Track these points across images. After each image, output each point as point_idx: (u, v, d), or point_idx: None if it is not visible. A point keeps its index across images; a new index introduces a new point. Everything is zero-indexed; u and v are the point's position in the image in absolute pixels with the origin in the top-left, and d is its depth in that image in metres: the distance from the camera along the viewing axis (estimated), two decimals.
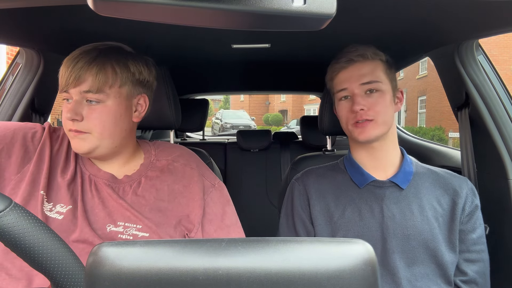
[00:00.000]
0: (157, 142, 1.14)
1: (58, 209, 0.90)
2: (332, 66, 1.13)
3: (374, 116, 1.04)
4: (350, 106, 1.07)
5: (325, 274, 0.37)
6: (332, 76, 1.13)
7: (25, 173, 0.91)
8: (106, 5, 0.43)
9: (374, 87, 1.06)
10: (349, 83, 1.07)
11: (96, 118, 0.91)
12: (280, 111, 32.06)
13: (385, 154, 1.10)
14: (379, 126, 1.05)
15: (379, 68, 1.08)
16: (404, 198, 1.07)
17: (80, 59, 0.91)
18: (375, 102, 1.05)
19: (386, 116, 1.06)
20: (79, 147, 0.92)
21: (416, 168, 1.13)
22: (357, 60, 1.07)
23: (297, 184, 1.18)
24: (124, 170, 1.01)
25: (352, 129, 1.08)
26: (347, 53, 1.09)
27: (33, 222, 0.50)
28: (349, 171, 1.14)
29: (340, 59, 1.10)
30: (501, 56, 14.14)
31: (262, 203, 2.59)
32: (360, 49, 1.08)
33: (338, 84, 1.10)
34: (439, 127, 15.40)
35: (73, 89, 0.91)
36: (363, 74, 1.06)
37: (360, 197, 1.09)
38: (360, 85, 1.06)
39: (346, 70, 1.09)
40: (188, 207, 0.99)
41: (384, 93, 1.06)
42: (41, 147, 0.95)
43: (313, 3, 0.44)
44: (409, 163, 1.12)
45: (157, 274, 0.37)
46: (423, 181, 1.10)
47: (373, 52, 1.09)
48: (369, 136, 1.05)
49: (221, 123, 20.32)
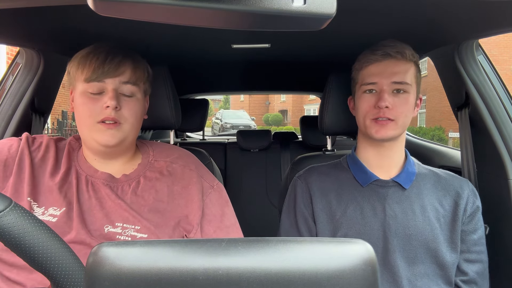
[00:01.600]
0: (154, 142, 1.14)
1: (51, 212, 0.89)
2: (365, 56, 1.08)
3: (396, 116, 1.03)
4: (374, 100, 1.04)
5: (325, 274, 0.37)
6: (362, 66, 1.09)
7: (8, 187, 0.90)
8: (106, 5, 0.43)
9: (403, 88, 1.04)
10: (380, 78, 1.04)
11: (131, 109, 0.95)
12: (280, 111, 32.06)
13: (392, 154, 1.10)
14: (398, 128, 1.04)
15: (412, 70, 1.06)
16: (407, 198, 1.07)
17: (111, 52, 0.94)
18: (401, 103, 1.03)
19: (407, 119, 1.05)
20: (112, 138, 0.92)
21: (419, 169, 1.13)
22: (394, 57, 1.04)
23: (299, 181, 1.17)
24: (122, 169, 1.01)
25: (370, 124, 1.05)
26: (384, 46, 1.05)
27: (33, 222, 0.50)
28: (352, 169, 1.14)
29: (376, 51, 1.06)
30: (501, 56, 14.14)
31: (262, 203, 2.59)
32: (399, 46, 1.05)
33: (367, 76, 1.07)
34: (439, 127, 15.39)
35: (111, 79, 0.93)
36: (397, 72, 1.04)
37: (363, 196, 1.09)
38: (391, 82, 1.03)
39: (380, 64, 1.05)
40: (187, 208, 0.99)
41: (410, 96, 1.05)
42: (19, 157, 0.94)
43: (313, 3, 0.44)
44: (412, 164, 1.12)
45: (157, 274, 0.37)
46: (425, 182, 1.10)
47: (411, 53, 1.06)
48: (386, 135, 1.03)
49: (221, 123, 20.32)
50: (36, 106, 1.39)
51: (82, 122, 0.94)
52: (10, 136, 1.32)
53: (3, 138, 1.29)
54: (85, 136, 0.96)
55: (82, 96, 0.93)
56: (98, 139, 0.93)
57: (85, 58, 0.94)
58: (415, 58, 1.07)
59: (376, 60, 1.06)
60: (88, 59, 0.94)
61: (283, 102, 32.18)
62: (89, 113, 0.92)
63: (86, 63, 0.93)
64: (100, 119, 0.92)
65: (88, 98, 0.93)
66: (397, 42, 1.06)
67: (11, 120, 1.34)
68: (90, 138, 0.94)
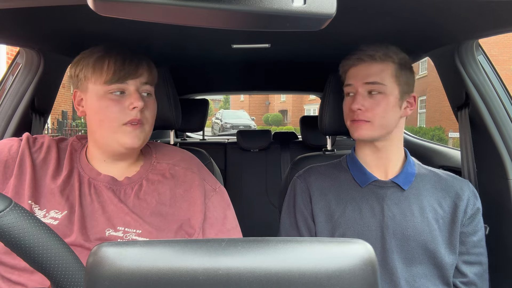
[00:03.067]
0: (156, 144, 1.13)
1: (52, 215, 0.88)
2: (344, 61, 1.14)
3: (371, 118, 1.05)
4: (351, 103, 1.08)
5: (325, 274, 0.37)
6: (344, 69, 1.15)
7: (9, 188, 0.89)
8: (106, 5, 0.43)
9: (376, 89, 1.05)
10: (355, 80, 1.08)
11: (152, 109, 0.98)
12: (280, 111, 32.05)
13: (387, 155, 1.10)
14: (375, 129, 1.05)
15: (388, 70, 1.07)
16: (405, 199, 1.07)
17: (128, 54, 0.94)
18: (375, 104, 1.05)
19: (385, 120, 1.05)
20: (137, 140, 0.93)
21: (419, 169, 1.13)
22: (365, 60, 1.08)
23: (299, 181, 1.18)
24: (125, 172, 1.00)
25: (350, 125, 1.10)
26: (359, 51, 1.10)
27: (33, 222, 0.50)
28: (352, 169, 1.14)
29: (352, 56, 1.11)
30: (501, 56, 14.14)
31: (262, 203, 2.59)
32: (370, 49, 1.08)
33: (346, 79, 1.12)
34: (439, 127, 15.39)
35: (132, 80, 0.93)
36: (368, 74, 1.06)
37: (361, 196, 1.09)
38: (363, 84, 1.06)
39: (355, 68, 1.09)
40: (189, 211, 0.98)
41: (387, 96, 1.05)
42: (20, 158, 0.93)
43: (313, 3, 0.44)
44: (411, 165, 1.12)
45: (157, 274, 0.37)
46: (424, 183, 1.10)
47: (383, 54, 1.08)
48: (362, 135, 1.06)
49: (221, 123, 20.31)
50: (36, 106, 1.38)
51: (106, 125, 0.92)
52: (10, 136, 1.32)
53: (3, 138, 1.29)
54: (106, 139, 0.94)
55: (103, 99, 0.91)
56: (124, 141, 0.92)
57: (101, 60, 0.92)
58: (391, 57, 1.07)
59: (352, 65, 1.10)
60: (105, 62, 0.92)
61: (283, 102, 32.17)
62: (114, 116, 0.90)
63: (103, 65, 0.92)
64: (126, 120, 0.91)
65: (110, 101, 0.91)
66: (370, 46, 1.09)
67: (11, 120, 1.34)
68: (113, 140, 0.92)
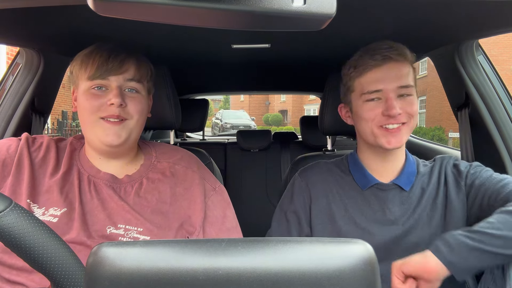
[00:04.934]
0: (156, 143, 1.13)
1: (52, 212, 0.88)
2: (363, 62, 1.00)
3: (407, 119, 0.98)
4: (381, 108, 0.97)
5: (325, 274, 0.37)
6: (361, 73, 1.00)
7: (6, 187, 0.90)
8: (106, 5, 0.43)
9: (408, 92, 0.98)
10: (385, 84, 0.96)
11: (136, 105, 0.96)
12: (280, 111, 32.05)
13: (394, 158, 1.07)
14: (409, 131, 1.00)
15: (412, 72, 1.00)
16: (407, 199, 1.04)
17: (114, 50, 0.94)
18: (408, 104, 0.98)
19: (416, 119, 1.00)
20: (117, 138, 0.92)
21: (419, 167, 1.09)
22: (395, 59, 0.97)
23: (299, 179, 1.13)
24: (125, 170, 1.01)
25: (380, 133, 0.99)
26: (382, 49, 0.97)
27: (33, 222, 0.50)
28: (353, 171, 1.11)
29: (374, 55, 0.98)
30: (501, 56, 14.14)
31: (262, 203, 2.59)
32: (399, 47, 0.98)
33: (369, 83, 0.99)
34: (439, 127, 15.39)
35: (115, 76, 0.93)
36: (401, 76, 0.97)
37: (363, 199, 1.06)
38: (397, 87, 0.97)
39: (381, 69, 0.97)
40: (189, 209, 0.98)
41: (414, 97, 1.00)
42: (18, 157, 0.93)
43: (313, 3, 0.44)
44: (411, 163, 1.09)
45: (157, 274, 0.37)
46: (425, 179, 1.07)
47: (410, 54, 1.00)
48: (399, 144, 0.98)
49: (221, 123, 20.32)
50: (36, 106, 1.39)
51: (85, 119, 0.93)
52: (10, 136, 1.32)
53: (3, 138, 1.29)
54: (88, 134, 0.95)
55: (85, 94, 0.93)
56: (102, 138, 0.92)
57: (88, 56, 0.94)
58: (413, 58, 1.02)
59: (376, 65, 0.98)
60: (91, 57, 0.93)
61: (283, 102, 32.17)
62: (92, 109, 0.91)
63: (89, 61, 0.93)
64: (103, 115, 0.91)
65: (91, 95, 0.93)
66: (393, 43, 0.99)
67: (11, 120, 1.34)
68: (93, 136, 0.93)
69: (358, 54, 1.02)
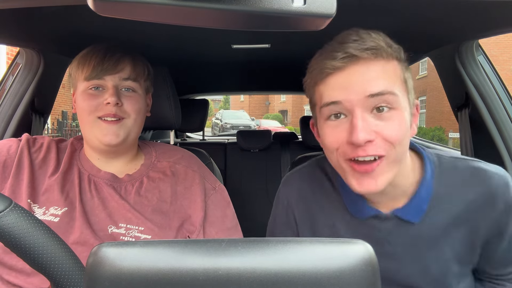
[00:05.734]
0: (156, 143, 1.14)
1: (52, 211, 0.89)
2: (319, 63, 0.71)
3: (385, 149, 0.67)
4: (346, 132, 0.68)
5: (325, 274, 0.37)
6: (316, 78, 0.72)
7: (6, 188, 0.90)
8: (106, 5, 0.43)
9: (387, 102, 0.66)
10: (347, 94, 0.67)
11: (133, 104, 0.96)
12: (280, 111, 32.07)
13: (391, 189, 0.75)
14: (393, 166, 0.69)
15: (396, 71, 0.69)
16: (415, 234, 0.76)
17: (109, 50, 0.95)
18: (388, 125, 0.67)
19: (403, 147, 0.69)
20: (115, 137, 0.93)
21: (437, 186, 0.77)
22: (362, 57, 0.67)
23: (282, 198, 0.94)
24: (125, 169, 1.01)
25: (348, 170, 0.70)
26: (345, 44, 0.68)
27: (33, 222, 0.50)
28: (343, 194, 0.83)
29: (334, 52, 0.68)
30: (501, 56, 14.15)
31: (262, 203, 2.59)
32: (368, 39, 0.67)
33: (326, 93, 0.70)
34: (439, 128, 15.40)
35: (110, 76, 0.93)
36: (371, 80, 0.66)
37: (355, 231, 0.81)
38: (366, 97, 0.66)
39: (343, 73, 0.68)
40: (190, 209, 0.99)
41: (401, 112, 0.68)
42: (18, 158, 0.94)
43: (313, 3, 0.44)
44: (428, 181, 0.76)
45: (157, 275, 0.37)
46: (442, 204, 0.76)
47: (387, 44, 0.69)
48: (375, 187, 0.68)
49: (221, 123, 20.33)
50: (36, 106, 1.39)
51: (84, 119, 0.94)
52: (10, 136, 1.32)
53: (3, 138, 1.29)
54: (87, 134, 0.96)
55: (83, 94, 0.94)
56: (101, 138, 0.93)
57: (84, 57, 0.95)
58: (396, 50, 0.70)
59: (335, 68, 0.68)
60: (87, 58, 0.94)
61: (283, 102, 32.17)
62: (89, 109, 0.92)
63: (85, 62, 0.94)
64: (100, 114, 0.92)
65: (88, 95, 0.93)
66: (363, 33, 0.69)
67: (11, 120, 1.34)
68: (92, 136, 0.94)
69: (319, 52, 0.75)
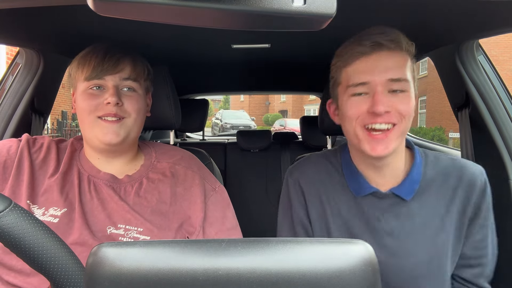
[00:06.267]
0: (156, 143, 1.13)
1: (52, 212, 0.89)
2: (349, 49, 0.86)
3: (398, 119, 0.82)
4: (367, 105, 0.83)
5: (325, 274, 0.37)
6: (347, 62, 0.86)
7: (6, 189, 0.90)
8: (106, 5, 0.43)
9: (402, 88, 0.82)
10: (372, 76, 0.82)
11: (133, 104, 0.96)
12: (280, 111, 32.06)
13: (389, 164, 0.91)
14: (400, 135, 0.84)
15: (408, 63, 0.84)
16: (407, 210, 0.90)
17: (110, 50, 0.95)
18: (401, 103, 0.82)
19: (408, 122, 0.84)
20: (115, 137, 0.93)
21: (426, 170, 0.93)
22: (387, 47, 0.82)
23: (291, 180, 1.03)
24: (125, 169, 1.01)
25: (363, 136, 0.85)
26: (372, 35, 0.83)
27: (33, 222, 0.50)
28: (346, 175, 0.96)
29: (362, 41, 0.83)
30: (501, 56, 14.14)
31: (262, 203, 2.59)
32: (391, 33, 0.83)
33: (355, 75, 0.84)
34: (439, 128, 15.39)
35: (111, 76, 0.94)
36: (392, 67, 0.82)
37: (357, 208, 0.94)
38: (387, 80, 0.81)
39: (369, 58, 0.83)
40: (189, 209, 0.98)
41: (410, 94, 0.84)
42: (18, 158, 0.94)
43: (313, 3, 0.44)
44: (418, 167, 0.92)
45: (157, 275, 0.36)
46: (431, 186, 0.92)
47: (406, 42, 0.84)
48: (386, 151, 0.83)
49: (221, 123, 20.33)
50: (36, 106, 1.39)
51: (84, 119, 0.94)
52: (10, 136, 1.32)
53: (3, 138, 1.29)
54: (87, 134, 0.96)
55: (83, 94, 0.94)
56: (101, 137, 0.92)
57: (84, 57, 0.95)
58: (411, 48, 0.86)
59: (363, 53, 0.83)
60: (87, 59, 0.94)
61: (283, 102, 32.18)
62: (90, 108, 0.92)
63: (85, 62, 0.94)
64: (101, 114, 0.92)
65: (88, 95, 0.94)
66: (386, 28, 0.84)
67: (11, 120, 1.34)
68: (92, 136, 0.94)
69: (348, 41, 0.89)
